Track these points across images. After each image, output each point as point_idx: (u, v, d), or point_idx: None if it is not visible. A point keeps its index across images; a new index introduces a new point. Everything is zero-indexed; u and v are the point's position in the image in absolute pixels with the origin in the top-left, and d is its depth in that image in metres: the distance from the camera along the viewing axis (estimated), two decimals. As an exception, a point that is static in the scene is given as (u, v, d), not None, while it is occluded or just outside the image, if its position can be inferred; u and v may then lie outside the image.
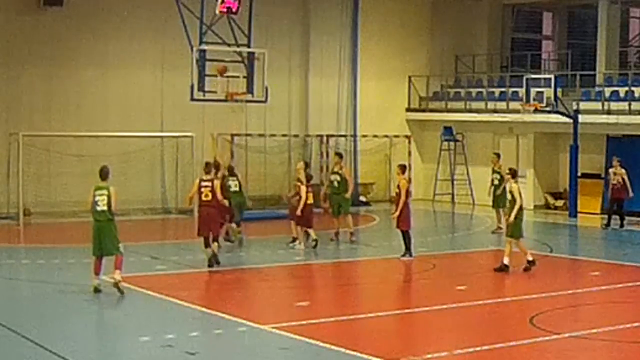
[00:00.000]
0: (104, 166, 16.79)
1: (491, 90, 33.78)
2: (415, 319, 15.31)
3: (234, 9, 25.10)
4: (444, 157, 34.78)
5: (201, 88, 25.03)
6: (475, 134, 34.20)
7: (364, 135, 33.84)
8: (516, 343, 13.17)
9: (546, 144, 32.76)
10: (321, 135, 33.07)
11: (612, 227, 26.74)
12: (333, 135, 33.28)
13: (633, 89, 29.61)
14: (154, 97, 30.11)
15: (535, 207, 31.91)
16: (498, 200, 25.17)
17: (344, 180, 23.33)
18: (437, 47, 35.93)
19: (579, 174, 30.01)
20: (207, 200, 19.30)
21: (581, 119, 29.64)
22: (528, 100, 29.46)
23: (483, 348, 12.85)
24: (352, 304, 16.63)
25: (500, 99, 33.05)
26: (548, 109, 29.23)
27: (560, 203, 32.05)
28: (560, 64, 36.42)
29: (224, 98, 25.22)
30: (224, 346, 13.34)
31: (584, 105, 30.20)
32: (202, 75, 24.98)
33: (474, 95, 34.10)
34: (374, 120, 34.05)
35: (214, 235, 19.62)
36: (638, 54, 37.41)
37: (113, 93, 29.56)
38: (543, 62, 37.65)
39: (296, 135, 32.90)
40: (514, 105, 31.38)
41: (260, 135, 31.64)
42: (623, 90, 29.99)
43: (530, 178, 32.49)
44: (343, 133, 33.61)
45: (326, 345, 12.87)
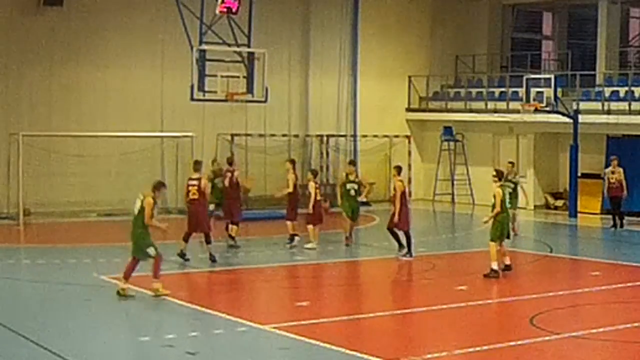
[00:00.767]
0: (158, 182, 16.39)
1: (491, 90, 33.77)
2: (415, 319, 15.30)
3: (234, 9, 25.11)
4: (444, 157, 34.77)
5: (201, 88, 25.04)
6: (475, 134, 34.20)
7: (364, 135, 33.84)
8: (516, 343, 13.17)
9: (546, 144, 32.76)
10: (321, 135, 33.08)
11: (615, 227, 26.71)
12: (333, 135, 33.29)
13: (633, 89, 29.61)
14: (154, 97, 30.10)
15: (536, 207, 31.88)
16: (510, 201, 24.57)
17: (360, 188, 23.12)
18: (437, 47, 35.92)
19: (579, 174, 30.02)
20: (194, 198, 19.52)
21: (581, 119, 29.65)
22: (528, 100, 29.46)
23: (483, 348, 12.85)
24: (352, 304, 16.62)
25: (500, 99, 33.04)
26: (548, 109, 29.23)
27: (560, 203, 32.05)
28: (560, 64, 36.40)
29: (224, 98, 25.25)
30: (224, 346, 13.33)
31: (584, 105, 30.22)
32: (202, 75, 24.97)
33: (474, 95, 34.09)
34: (374, 120, 34.04)
35: (204, 234, 19.70)
36: (638, 54, 37.38)
37: (113, 93, 29.55)
38: (543, 62, 37.62)
39: (296, 135, 32.89)
40: (514, 105, 31.38)
41: (260, 135, 31.65)
42: (623, 90, 29.98)
43: (530, 178, 32.48)
44: (343, 133, 33.61)
45: (326, 345, 12.87)
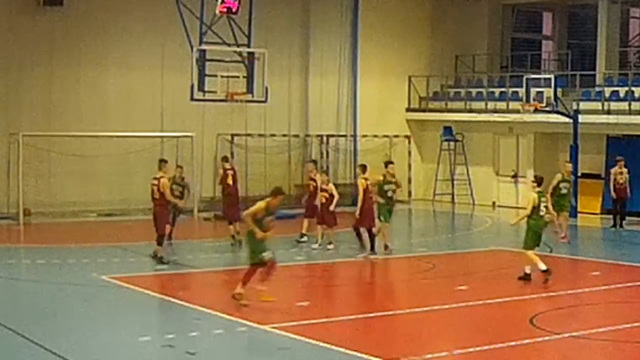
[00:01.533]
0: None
1: (491, 90, 33.77)
2: (415, 319, 15.29)
3: (234, 9, 25.13)
4: (444, 157, 34.76)
5: (201, 88, 25.07)
6: (475, 134, 34.18)
7: (364, 135, 33.83)
8: (516, 343, 13.17)
9: (546, 144, 32.73)
10: (321, 135, 33.06)
11: (615, 226, 26.74)
12: (333, 135, 33.28)
13: (633, 89, 29.59)
14: (154, 97, 30.09)
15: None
16: (560, 203, 23.77)
17: (396, 188, 21.96)
18: (437, 47, 35.91)
19: (579, 174, 29.99)
20: (155, 198, 20.04)
21: (581, 119, 29.63)
22: (528, 100, 29.44)
23: (483, 348, 12.84)
24: (352, 304, 16.62)
25: (500, 99, 33.03)
26: (548, 109, 29.21)
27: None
28: (560, 64, 36.39)
29: (224, 98, 25.26)
30: (224, 346, 13.33)
31: (584, 105, 30.21)
32: (202, 75, 25.00)
33: (474, 95, 34.09)
34: (374, 120, 34.04)
35: (158, 233, 19.83)
36: (638, 54, 37.38)
37: (113, 93, 29.55)
38: (543, 62, 37.62)
39: (296, 135, 32.88)
40: (514, 105, 31.38)
41: (260, 135, 31.64)
42: (623, 90, 29.97)
43: (530, 178, 32.41)
44: (343, 133, 33.60)
45: (326, 345, 12.86)
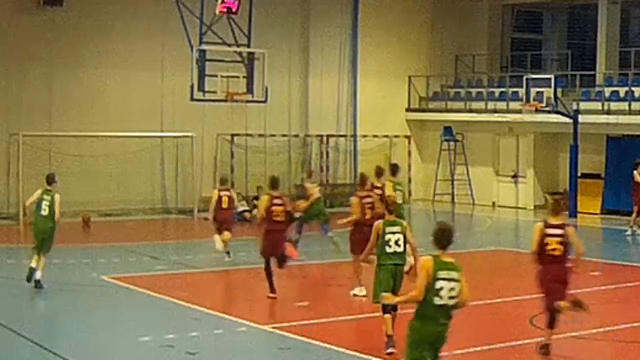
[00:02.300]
0: None
1: (491, 90, 33.76)
2: (415, 319, 15.25)
3: (233, 9, 25.14)
4: (444, 157, 34.75)
5: (201, 88, 25.07)
6: (475, 134, 34.17)
7: (364, 135, 33.82)
8: (516, 343, 13.17)
9: (546, 144, 32.74)
10: (321, 135, 33.05)
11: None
12: (333, 135, 33.27)
13: (633, 89, 29.58)
14: (154, 97, 30.07)
15: (536, 207, 31.89)
16: None
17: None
18: (437, 47, 35.89)
19: (579, 174, 30.00)
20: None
21: (581, 119, 29.62)
22: (528, 100, 29.44)
23: (483, 348, 12.85)
24: (352, 304, 16.61)
25: (500, 99, 33.02)
26: (548, 109, 29.20)
27: (560, 203, 31.98)
28: (560, 64, 36.38)
29: (224, 98, 25.26)
30: (224, 346, 13.33)
31: (584, 105, 30.19)
32: (202, 75, 25.01)
33: (474, 95, 34.07)
34: (373, 120, 34.02)
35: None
36: (638, 54, 37.33)
37: (113, 93, 29.52)
38: (543, 62, 37.63)
39: (296, 135, 32.87)
40: (514, 105, 31.37)
41: (260, 135, 31.63)
42: (623, 90, 29.97)
43: (530, 178, 32.48)
44: (343, 133, 33.59)
45: (326, 345, 12.86)
